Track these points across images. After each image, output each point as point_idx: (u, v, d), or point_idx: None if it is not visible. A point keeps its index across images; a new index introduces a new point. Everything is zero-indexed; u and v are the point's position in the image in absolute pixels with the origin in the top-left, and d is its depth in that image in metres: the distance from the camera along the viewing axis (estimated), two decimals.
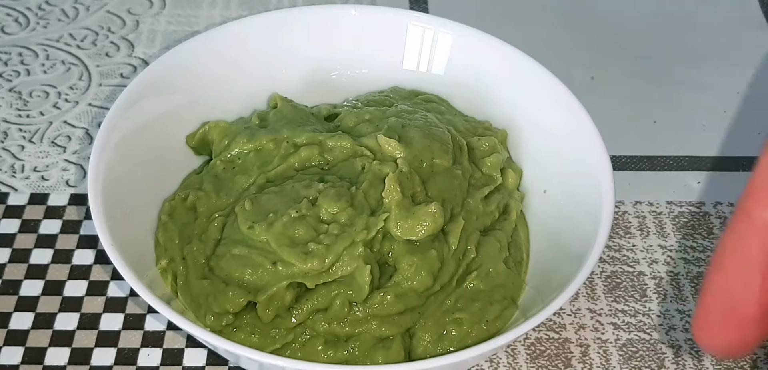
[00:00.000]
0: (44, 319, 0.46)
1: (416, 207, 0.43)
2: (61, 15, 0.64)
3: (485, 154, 0.48)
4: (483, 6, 0.67)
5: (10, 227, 0.50)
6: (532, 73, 0.50)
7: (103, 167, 0.43)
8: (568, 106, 0.48)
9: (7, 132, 0.55)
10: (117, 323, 0.46)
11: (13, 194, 0.52)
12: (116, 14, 0.65)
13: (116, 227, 0.41)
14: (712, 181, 0.55)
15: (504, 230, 0.46)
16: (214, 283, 0.42)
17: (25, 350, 0.44)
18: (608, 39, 0.65)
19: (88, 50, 0.62)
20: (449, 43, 0.53)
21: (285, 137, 0.47)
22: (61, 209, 0.51)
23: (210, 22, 0.64)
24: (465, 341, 0.42)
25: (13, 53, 0.61)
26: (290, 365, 0.38)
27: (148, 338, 0.45)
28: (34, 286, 0.47)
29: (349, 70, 0.54)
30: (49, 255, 0.49)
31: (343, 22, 0.54)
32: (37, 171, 0.53)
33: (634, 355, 0.45)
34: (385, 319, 0.41)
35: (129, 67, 0.60)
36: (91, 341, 0.45)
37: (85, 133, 0.55)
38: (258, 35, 0.52)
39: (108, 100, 0.57)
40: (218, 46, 0.51)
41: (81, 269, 0.48)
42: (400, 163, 0.44)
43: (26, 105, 0.57)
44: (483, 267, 0.44)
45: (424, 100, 0.52)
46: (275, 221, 0.42)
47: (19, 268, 0.48)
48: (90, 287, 0.47)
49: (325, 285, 0.42)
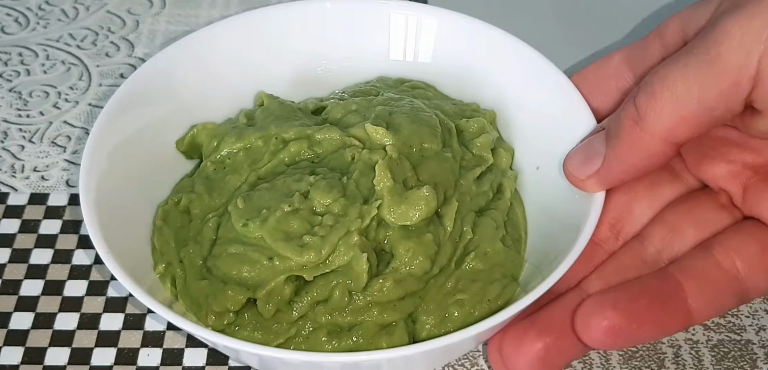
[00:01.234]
0: (44, 319, 0.46)
1: (408, 192, 0.43)
2: (61, 15, 0.64)
3: (474, 135, 0.49)
4: (482, 3, 0.67)
5: (10, 227, 0.50)
6: (517, 52, 0.51)
7: (94, 178, 0.43)
8: (554, 81, 0.48)
9: (7, 132, 0.55)
10: (117, 323, 0.46)
11: (13, 194, 0.52)
12: (116, 14, 0.65)
13: (112, 236, 0.41)
14: None
15: (499, 209, 0.46)
16: (213, 283, 0.42)
17: (25, 350, 0.44)
18: (608, 39, 0.65)
19: (88, 50, 0.62)
20: (433, 29, 0.53)
21: (273, 134, 0.47)
22: (61, 208, 0.51)
23: (210, 22, 0.64)
24: (468, 321, 0.42)
25: (13, 53, 0.61)
26: (305, 358, 0.38)
27: (148, 338, 0.45)
28: (34, 286, 0.47)
29: (335, 64, 0.54)
30: (49, 255, 0.49)
31: (326, 16, 0.53)
32: (37, 171, 0.53)
33: (635, 355, 0.45)
34: (386, 305, 0.42)
35: (129, 67, 0.60)
36: (91, 341, 0.45)
37: (85, 133, 0.55)
38: (241, 35, 0.52)
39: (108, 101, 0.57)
40: (201, 48, 0.51)
41: (81, 269, 0.48)
42: (390, 150, 0.44)
43: (26, 105, 0.57)
44: (480, 247, 0.44)
45: (410, 87, 0.52)
46: (269, 216, 0.42)
47: (19, 268, 0.48)
48: (90, 287, 0.47)
49: (324, 276, 0.42)
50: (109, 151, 0.45)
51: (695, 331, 0.46)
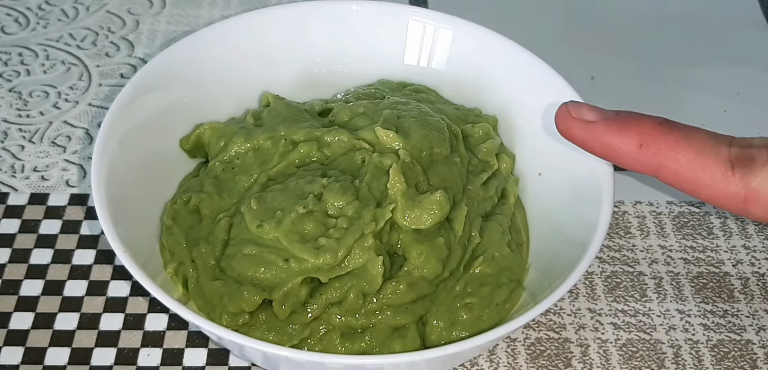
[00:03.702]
0: (44, 319, 0.46)
1: (421, 196, 0.43)
2: (61, 15, 0.64)
3: (480, 140, 0.49)
4: (482, 6, 0.67)
5: (10, 227, 0.50)
6: (519, 59, 0.51)
7: (104, 174, 0.43)
8: (556, 87, 0.49)
9: (7, 132, 0.55)
10: (117, 323, 0.46)
11: (13, 194, 0.52)
12: (116, 14, 0.65)
13: (124, 234, 0.41)
14: None
15: (504, 214, 0.47)
16: (227, 284, 0.42)
17: (25, 350, 0.44)
18: (608, 39, 0.65)
19: (88, 50, 0.62)
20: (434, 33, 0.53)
21: (282, 135, 0.47)
22: (61, 208, 0.51)
23: (210, 22, 0.64)
24: (477, 324, 0.42)
25: (13, 53, 0.61)
26: (328, 360, 0.38)
27: (148, 338, 0.45)
28: (34, 286, 0.47)
29: (337, 66, 0.54)
30: (49, 255, 0.49)
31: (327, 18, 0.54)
32: (37, 171, 0.53)
33: (634, 355, 0.45)
34: (398, 308, 0.42)
35: (129, 67, 0.60)
36: (91, 341, 0.45)
37: (85, 133, 0.55)
38: (247, 34, 0.52)
39: (108, 100, 0.57)
40: (208, 47, 0.51)
41: (81, 269, 0.48)
42: (402, 154, 0.45)
43: (26, 105, 0.57)
44: (488, 252, 0.44)
45: (413, 91, 0.52)
46: (283, 218, 0.42)
47: (19, 268, 0.48)
48: (90, 287, 0.47)
49: (339, 279, 0.42)
50: (116, 149, 0.45)
51: (695, 331, 0.46)
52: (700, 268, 0.50)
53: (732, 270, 0.50)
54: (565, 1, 0.68)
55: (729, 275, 0.49)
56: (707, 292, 0.48)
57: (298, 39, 0.53)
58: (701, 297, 0.48)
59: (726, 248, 0.51)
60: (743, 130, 0.58)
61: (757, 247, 0.51)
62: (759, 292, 0.48)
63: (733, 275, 0.49)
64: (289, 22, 0.53)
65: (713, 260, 0.50)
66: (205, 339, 0.45)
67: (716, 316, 0.47)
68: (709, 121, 0.59)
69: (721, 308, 0.48)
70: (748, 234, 0.51)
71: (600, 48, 0.64)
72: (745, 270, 0.50)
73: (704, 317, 0.47)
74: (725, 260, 0.50)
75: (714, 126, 0.58)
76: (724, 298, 0.48)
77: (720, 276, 0.49)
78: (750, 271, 0.50)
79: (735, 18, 0.67)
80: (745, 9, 0.68)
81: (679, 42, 0.65)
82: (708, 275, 0.49)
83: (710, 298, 0.48)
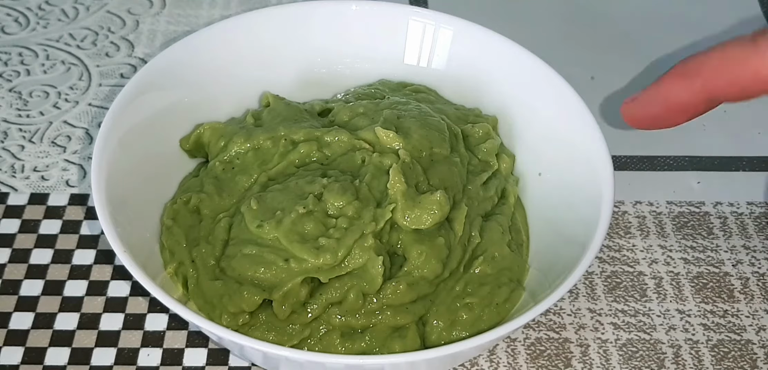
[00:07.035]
0: (44, 319, 0.46)
1: (421, 196, 0.43)
2: (61, 15, 0.64)
3: (480, 141, 0.49)
4: (483, 5, 0.67)
5: (10, 227, 0.50)
6: (519, 60, 0.51)
7: (104, 173, 0.43)
8: (556, 88, 0.49)
9: (7, 132, 0.55)
10: (117, 323, 0.46)
11: (13, 194, 0.52)
12: (116, 14, 0.65)
13: (124, 234, 0.41)
14: (712, 181, 0.55)
15: (504, 214, 0.47)
16: (227, 283, 0.42)
17: (25, 350, 0.44)
18: (608, 39, 0.65)
19: (88, 50, 0.62)
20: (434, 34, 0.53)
21: (282, 135, 0.47)
22: (61, 208, 0.51)
23: (210, 22, 0.64)
24: (477, 324, 0.42)
25: (13, 53, 0.61)
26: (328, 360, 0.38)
27: (148, 338, 0.45)
28: (34, 286, 0.47)
29: (337, 66, 0.54)
30: (49, 255, 0.49)
31: (327, 18, 0.54)
32: (37, 171, 0.53)
33: (634, 355, 0.45)
34: (398, 308, 0.42)
35: (129, 67, 0.60)
36: (91, 341, 0.45)
37: (85, 133, 0.55)
38: (247, 34, 0.52)
39: (108, 100, 0.57)
40: (208, 47, 0.51)
41: (81, 269, 0.48)
42: (402, 154, 0.45)
43: (26, 105, 0.57)
44: (488, 252, 0.44)
45: (413, 91, 0.52)
46: (283, 218, 0.42)
47: (19, 268, 0.48)
48: (90, 287, 0.47)
49: (339, 279, 0.42)
50: (116, 149, 0.45)
51: (695, 331, 0.46)
52: (700, 268, 0.50)
53: (732, 270, 0.50)
54: (565, 1, 0.68)
55: (729, 275, 0.49)
56: (707, 292, 0.48)
57: (298, 39, 0.53)
58: (701, 297, 0.48)
59: (726, 248, 0.51)
60: (743, 130, 0.58)
61: (757, 247, 0.51)
62: (759, 292, 0.49)
63: (733, 275, 0.49)
64: (289, 22, 0.53)
65: (713, 260, 0.50)
66: (205, 339, 0.45)
67: (716, 316, 0.47)
68: (709, 120, 0.59)
69: (721, 308, 0.48)
70: (748, 234, 0.52)
71: (600, 48, 0.64)
72: (745, 270, 0.50)
73: (704, 317, 0.47)
74: (725, 260, 0.50)
75: (714, 125, 0.58)
76: (724, 298, 0.48)
77: (720, 276, 0.49)
78: (750, 271, 0.50)
79: (734, 18, 0.67)
80: (745, 9, 0.68)
81: (679, 42, 0.65)
82: (708, 275, 0.49)
83: (710, 298, 0.48)
